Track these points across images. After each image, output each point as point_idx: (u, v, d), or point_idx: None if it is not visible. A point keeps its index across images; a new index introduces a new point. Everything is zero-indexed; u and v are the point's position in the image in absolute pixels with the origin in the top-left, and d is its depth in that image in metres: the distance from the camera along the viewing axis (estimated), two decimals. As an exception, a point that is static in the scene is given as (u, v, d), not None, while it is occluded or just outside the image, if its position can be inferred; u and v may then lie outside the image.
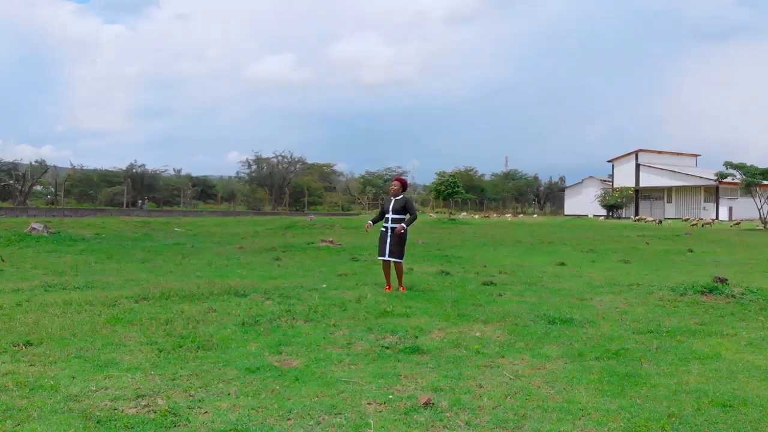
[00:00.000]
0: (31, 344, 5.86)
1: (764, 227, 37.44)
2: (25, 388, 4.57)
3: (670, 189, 70.88)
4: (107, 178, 60.51)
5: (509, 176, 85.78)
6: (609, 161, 76.14)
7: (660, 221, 50.69)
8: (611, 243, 22.87)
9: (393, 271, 9.76)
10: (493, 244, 21.27)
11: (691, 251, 19.37)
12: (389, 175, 76.68)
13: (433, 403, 4.28)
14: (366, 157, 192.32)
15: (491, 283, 10.64)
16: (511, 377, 5.05)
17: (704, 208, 67.71)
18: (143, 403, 4.32)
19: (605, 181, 78.68)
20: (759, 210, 40.01)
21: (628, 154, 74.07)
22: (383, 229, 9.69)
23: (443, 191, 50.85)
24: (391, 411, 4.21)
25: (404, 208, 9.61)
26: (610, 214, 68.63)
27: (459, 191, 50.80)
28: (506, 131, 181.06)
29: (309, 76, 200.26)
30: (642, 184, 72.21)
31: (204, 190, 72.24)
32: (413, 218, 9.65)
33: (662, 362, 5.58)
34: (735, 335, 6.69)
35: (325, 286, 9.98)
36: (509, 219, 56.85)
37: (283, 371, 5.11)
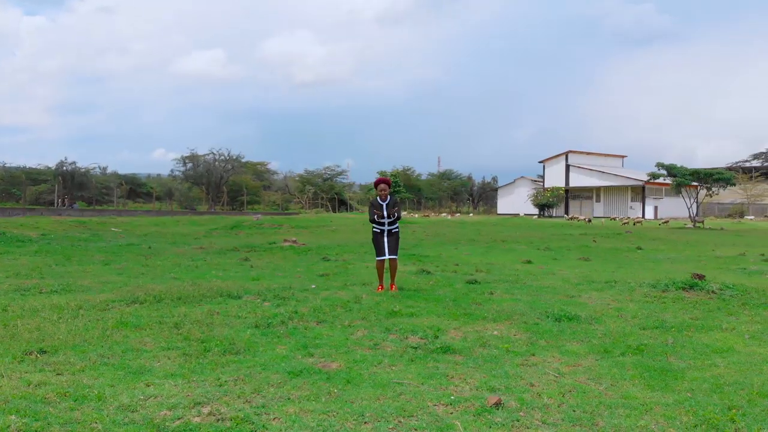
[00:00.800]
0: (46, 352, 5.54)
1: (694, 225, 39.48)
2: (68, 399, 4.32)
3: (598, 189, 73.68)
4: (32, 176, 57.53)
5: (445, 176, 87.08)
6: (540, 162, 78.41)
7: (589, 220, 52.58)
8: (560, 241, 23.55)
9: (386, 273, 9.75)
10: (450, 243, 21.52)
11: (641, 249, 20.18)
12: (328, 174, 76.43)
13: (502, 404, 4.30)
14: (299, 155, 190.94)
15: (476, 281, 10.77)
16: (556, 375, 5.14)
17: (631, 207, 70.74)
18: (205, 411, 4.16)
19: (536, 181, 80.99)
20: (689, 209, 42.14)
21: (559, 155, 76.46)
22: (378, 231, 9.66)
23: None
24: (462, 412, 4.20)
25: (395, 209, 9.65)
26: (543, 213, 70.66)
27: (401, 191, 51.08)
28: (439, 132, 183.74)
29: (240, 72, 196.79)
30: (572, 184, 74.72)
31: (133, 188, 69.85)
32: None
33: (684, 357, 5.79)
34: (734, 329, 7.02)
35: (314, 286, 9.86)
36: (449, 218, 57.66)
37: (330, 374, 5.02)
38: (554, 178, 75.37)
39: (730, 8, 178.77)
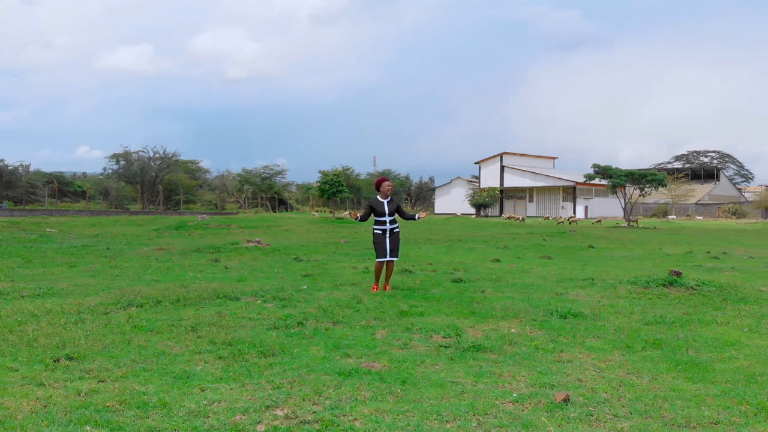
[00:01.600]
0: (73, 358, 5.32)
1: (628, 225, 41.22)
2: (131, 406, 4.18)
3: (531, 189, 75.84)
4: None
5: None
6: (476, 163, 79.98)
7: (523, 219, 54.07)
8: (512, 240, 24.10)
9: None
10: (409, 242, 21.67)
11: (592, 247, 20.91)
12: (267, 174, 75.37)
13: (570, 399, 4.43)
14: (230, 153, 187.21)
15: (461, 280, 10.93)
16: (596, 370, 5.32)
17: (563, 207, 73.15)
18: (281, 414, 4.11)
19: (471, 181, 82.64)
20: (623, 209, 43.97)
21: (494, 156, 78.22)
22: (379, 232, 9.65)
23: (328, 190, 50.78)
24: (533, 408, 4.30)
25: (397, 209, 9.70)
26: (479, 212, 72.09)
27: (344, 190, 50.97)
28: (373, 131, 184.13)
29: (168, 68, 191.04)
30: (506, 184, 76.60)
31: (60, 187, 66.69)
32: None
33: (701, 350, 6.09)
34: (728, 323, 7.41)
35: (305, 287, 9.77)
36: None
37: (381, 374, 5.02)
38: (489, 179, 77.06)
39: (653, 16, 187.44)
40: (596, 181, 50.92)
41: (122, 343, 5.89)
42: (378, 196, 9.78)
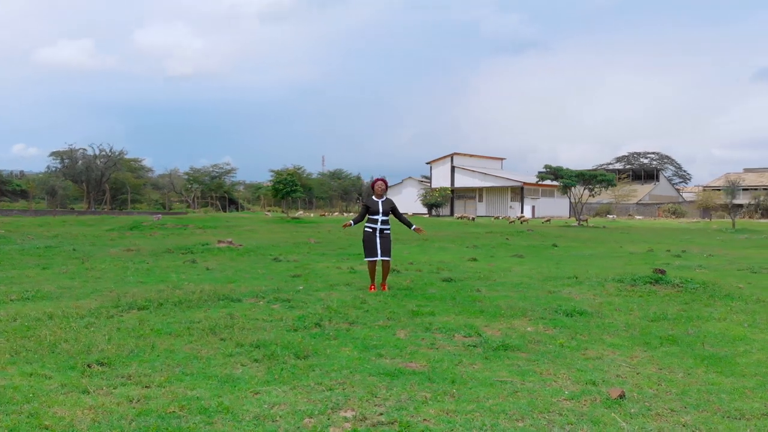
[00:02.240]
0: (104, 363, 5.15)
1: (578, 224, 42.36)
2: (193, 412, 4.09)
3: (481, 189, 76.96)
4: None
5: (335, 175, 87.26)
6: (427, 163, 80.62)
7: (473, 218, 54.90)
8: (477, 239, 24.40)
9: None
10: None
11: (556, 246, 21.39)
12: (216, 173, 73.97)
13: (625, 396, 4.53)
14: (173, 151, 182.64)
15: (450, 279, 11.02)
16: (629, 367, 5.46)
17: (511, 207, 74.46)
18: (350, 416, 4.08)
19: (422, 181, 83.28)
20: (574, 208, 45.12)
21: (444, 156, 79.02)
22: (369, 230, 9.63)
23: (282, 189, 50.10)
24: (591, 405, 4.39)
25: (392, 209, 9.69)
26: (431, 212, 72.70)
27: (297, 190, 50.47)
28: (322, 131, 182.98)
29: (110, 63, 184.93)
30: (457, 184, 77.47)
31: (-2, 186, 63.85)
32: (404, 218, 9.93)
33: (716, 345, 6.32)
34: (726, 319, 7.71)
35: (301, 288, 9.67)
36: (346, 216, 57.79)
37: (429, 375, 5.04)
38: (441, 179, 77.79)
39: (592, 22, 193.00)
40: (547, 181, 52.08)
41: (147, 347, 5.72)
42: (373, 196, 9.79)
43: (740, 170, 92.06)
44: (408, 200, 78.29)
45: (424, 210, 73.43)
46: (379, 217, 9.57)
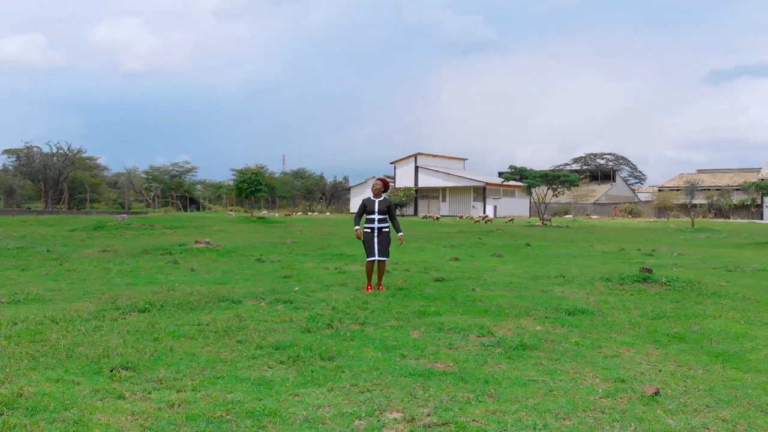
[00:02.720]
0: (129, 368, 5.02)
1: (542, 223, 43.06)
2: (241, 416, 4.04)
3: (444, 189, 77.53)
4: None
5: (298, 175, 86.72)
6: (391, 163, 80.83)
7: (437, 218, 55.31)
8: (451, 239, 24.53)
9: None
10: (351, 242, 21.64)
11: (529, 245, 21.67)
12: (176, 171, 72.62)
13: (660, 393, 4.63)
14: (128, 149, 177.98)
15: (442, 279, 11.08)
16: (649, 364, 5.58)
17: (473, 206, 75.20)
18: (398, 417, 4.08)
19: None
20: (538, 208, 45.85)
21: (408, 156, 79.32)
22: (368, 230, 9.61)
23: (246, 189, 49.51)
24: (630, 402, 4.47)
25: (388, 209, 9.69)
26: (396, 211, 72.91)
27: (262, 189, 49.98)
28: (282, 130, 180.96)
29: (61, 59, 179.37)
30: (420, 184, 77.83)
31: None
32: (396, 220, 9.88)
33: (720, 342, 6.50)
34: (720, 317, 7.94)
35: (297, 289, 9.59)
36: (311, 216, 57.54)
37: (461, 375, 5.06)
38: (405, 179, 78.05)
39: (549, 25, 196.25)
40: (512, 182, 52.76)
41: (165, 350, 5.61)
42: (370, 196, 9.79)
43: (693, 171, 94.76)
44: (372, 200, 78.41)
45: (388, 210, 73.61)
46: (376, 216, 9.57)
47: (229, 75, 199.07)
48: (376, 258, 9.56)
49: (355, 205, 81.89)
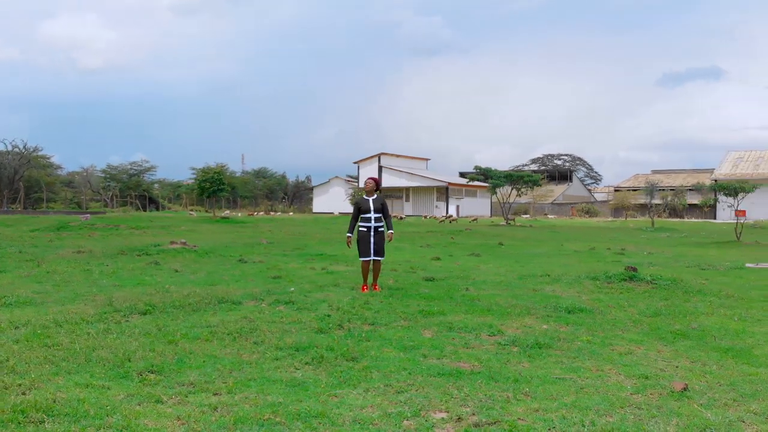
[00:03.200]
0: (156, 372, 4.92)
1: (506, 223, 43.62)
2: (290, 417, 4.01)
3: (408, 189, 77.89)
4: None
5: (260, 174, 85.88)
6: (355, 162, 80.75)
7: (402, 218, 55.59)
8: (424, 238, 24.59)
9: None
10: (328, 241, 21.57)
11: (502, 244, 21.94)
12: (135, 170, 71.03)
13: (689, 389, 4.75)
14: (82, 148, 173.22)
15: (433, 279, 11.13)
16: (664, 361, 5.72)
17: (436, 206, 75.74)
18: (444, 417, 4.12)
19: (349, 180, 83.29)
20: (502, 207, 46.45)
21: (372, 156, 79.39)
22: (364, 229, 9.60)
23: (208, 188, 48.73)
24: (661, 398, 4.58)
25: (382, 207, 9.69)
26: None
27: (225, 188, 49.29)
28: (241, 128, 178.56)
29: (15, 55, 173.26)
30: (384, 184, 77.82)
31: None
32: (389, 219, 9.85)
33: (724, 338, 6.70)
34: (714, 314, 8.17)
35: (293, 290, 9.51)
36: (274, 216, 57.03)
37: (491, 375, 5.11)
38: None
39: (506, 26, 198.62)
40: (476, 182, 53.33)
41: (185, 353, 5.52)
42: (364, 195, 9.79)
43: (648, 172, 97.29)
44: (336, 200, 78.22)
45: (351, 209, 73.59)
46: (372, 215, 9.56)
47: (188, 72, 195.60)
48: (372, 258, 9.56)
49: (318, 205, 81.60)
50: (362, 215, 9.65)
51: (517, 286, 10.40)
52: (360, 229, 9.65)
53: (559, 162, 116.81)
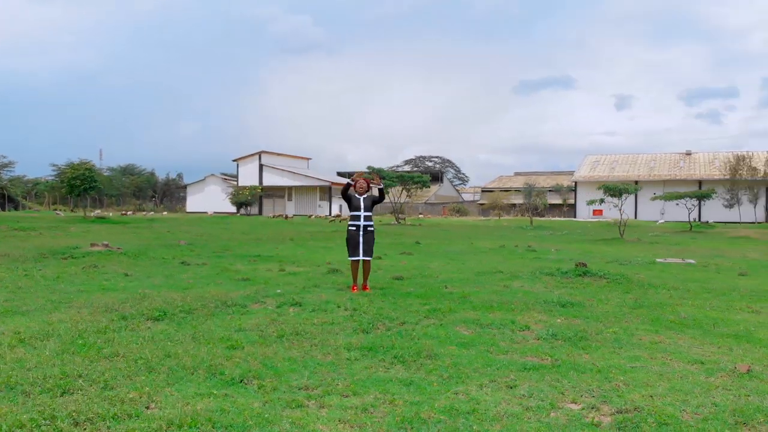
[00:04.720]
0: (256, 377, 4.76)
1: (397, 222, 44.63)
2: (452, 415, 4.03)
3: (290, 188, 77.08)
4: None
5: (127, 171, 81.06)
6: (234, 160, 78.64)
7: (287, 216, 55.19)
8: (334, 239, 24.64)
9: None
10: (250, 242, 21.01)
11: (419, 243, 22.45)
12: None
13: (752, 370, 5.29)
14: None
15: (400, 278, 11.25)
16: (696, 347, 6.27)
17: (319, 206, 75.65)
18: (582, 407, 4.29)
19: (226, 179, 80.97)
20: (393, 207, 47.41)
21: (252, 154, 77.74)
22: (353, 228, 9.58)
23: (79, 186, 45.28)
24: (728, 380, 5.05)
25: (372, 204, 9.73)
26: (239, 210, 71.02)
27: (97, 186, 46.15)
28: (100, 122, 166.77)
29: None
30: (265, 183, 76.61)
31: None
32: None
33: (721, 326, 7.36)
34: (683, 305, 8.89)
35: (280, 291, 9.31)
36: (147, 216, 54.18)
37: (574, 366, 5.36)
38: (248, 177, 76.37)
39: (375, 29, 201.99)
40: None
41: (264, 357, 5.35)
42: (355, 193, 9.77)
43: (511, 173, 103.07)
44: (213, 198, 75.86)
45: (233, 209, 71.50)
46: (362, 213, 9.57)
47: (38, 60, 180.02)
48: (361, 258, 9.55)
49: (192, 204, 78.62)
50: (353, 213, 9.63)
51: (486, 283, 10.79)
52: (349, 228, 9.63)
53: (430, 164, 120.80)
